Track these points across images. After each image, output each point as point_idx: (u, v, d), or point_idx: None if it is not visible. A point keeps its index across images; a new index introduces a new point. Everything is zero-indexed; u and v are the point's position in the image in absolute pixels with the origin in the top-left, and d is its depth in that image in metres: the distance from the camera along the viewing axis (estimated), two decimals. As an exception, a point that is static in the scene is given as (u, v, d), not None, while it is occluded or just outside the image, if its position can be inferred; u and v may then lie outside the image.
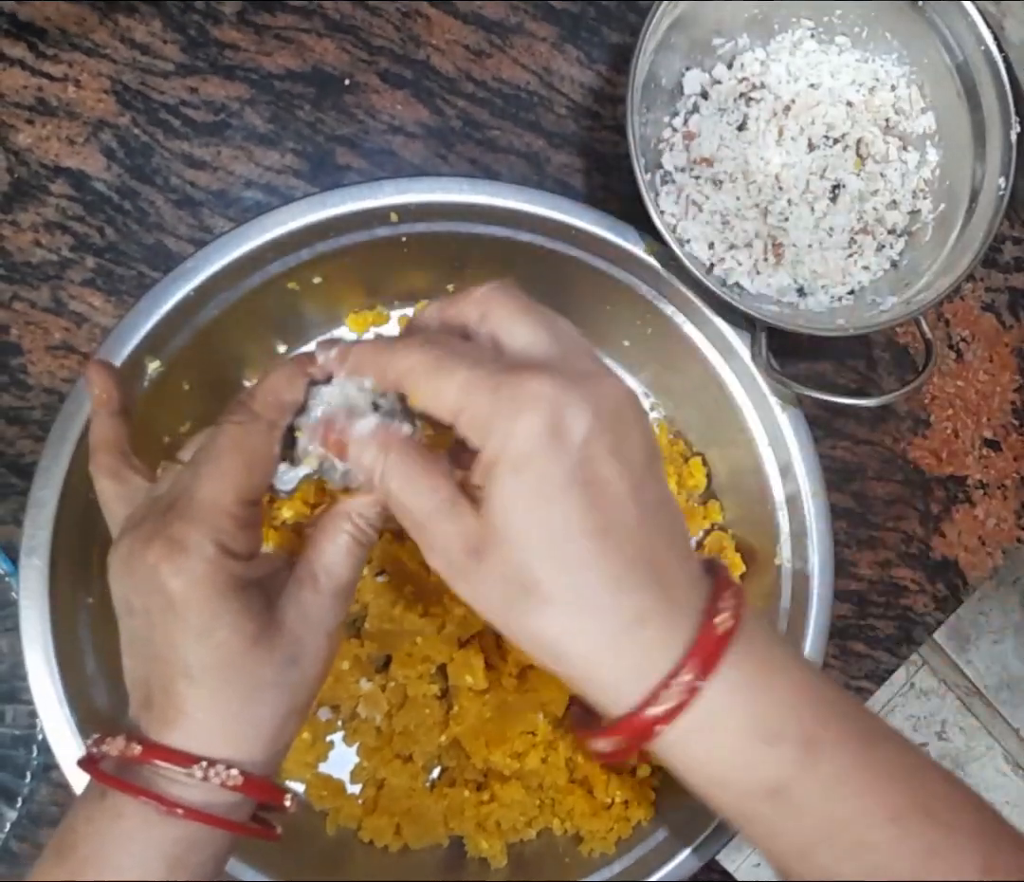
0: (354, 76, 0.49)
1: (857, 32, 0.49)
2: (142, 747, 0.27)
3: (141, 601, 0.28)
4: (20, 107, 0.47)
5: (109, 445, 0.33)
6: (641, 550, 0.26)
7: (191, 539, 0.27)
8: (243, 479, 0.29)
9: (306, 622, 0.29)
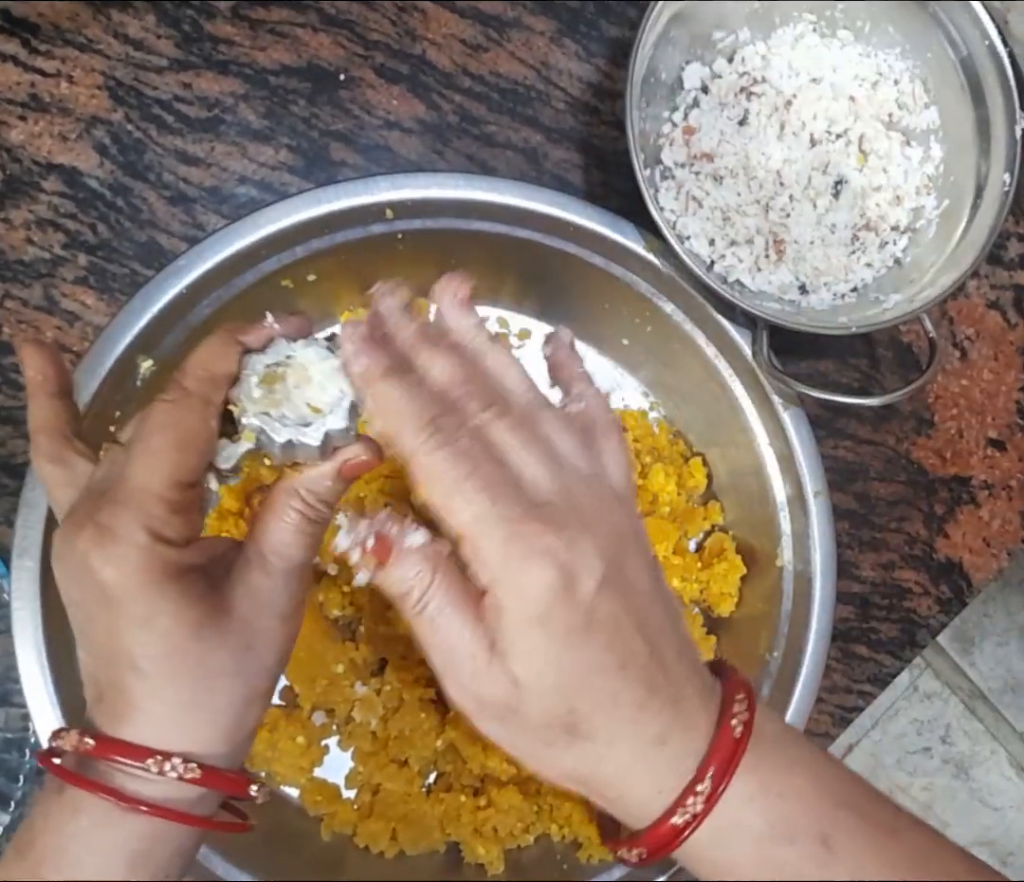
0: (349, 71, 0.49)
1: (859, 26, 0.48)
2: (95, 742, 0.27)
3: (78, 592, 0.27)
4: (12, 103, 0.46)
5: (49, 428, 0.30)
6: (654, 675, 0.27)
7: (121, 525, 0.26)
8: (176, 460, 0.27)
9: (258, 606, 0.28)
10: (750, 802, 0.27)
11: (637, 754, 0.27)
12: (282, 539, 0.29)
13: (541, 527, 0.25)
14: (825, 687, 0.51)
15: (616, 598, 0.26)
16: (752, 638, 0.48)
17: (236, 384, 0.29)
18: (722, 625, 0.50)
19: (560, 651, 0.26)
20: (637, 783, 0.28)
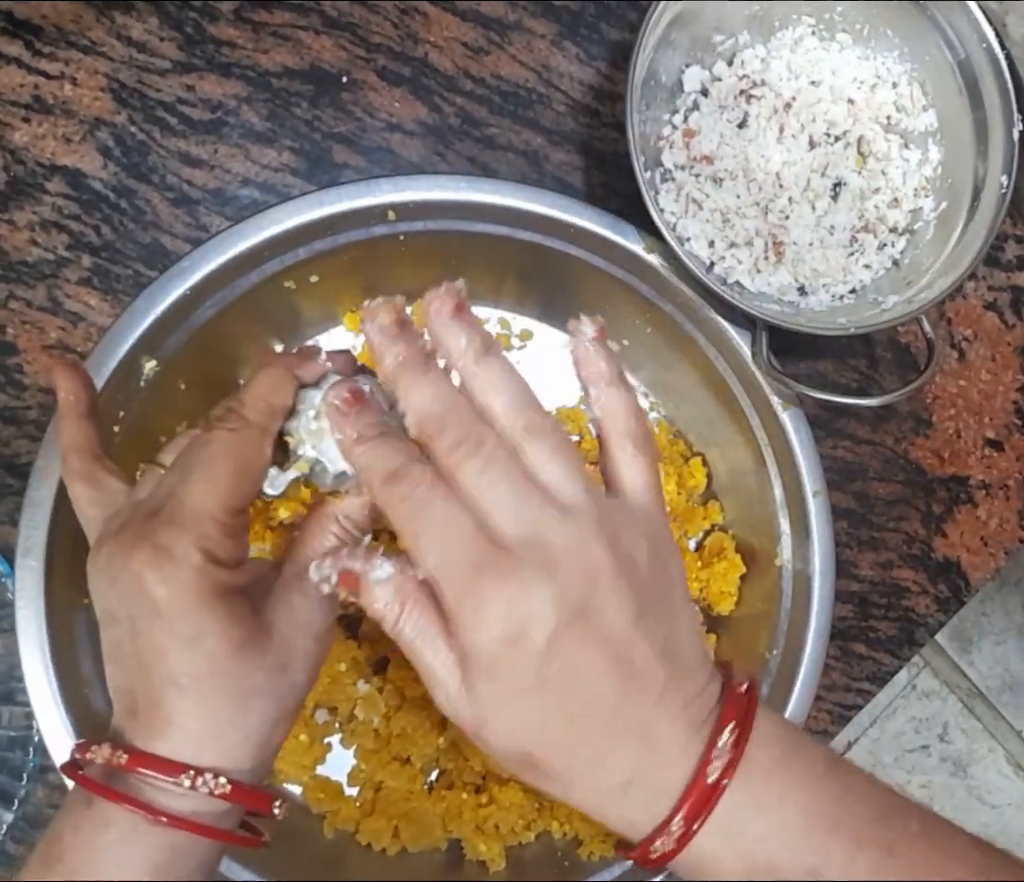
0: (352, 73, 0.49)
1: (858, 29, 0.48)
2: (128, 755, 0.27)
3: (125, 609, 0.28)
4: (16, 105, 0.47)
5: (80, 448, 0.32)
6: (624, 720, 0.26)
7: (178, 546, 0.27)
8: (233, 487, 0.28)
9: (294, 626, 0.29)
10: (727, 841, 0.26)
11: (601, 796, 0.27)
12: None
13: (493, 582, 0.25)
14: (824, 685, 0.51)
15: (577, 646, 0.25)
16: (751, 637, 0.48)
17: (291, 416, 0.30)
18: (722, 624, 0.50)
19: (508, 704, 0.26)
20: (607, 819, 0.28)
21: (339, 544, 0.30)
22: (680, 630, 0.28)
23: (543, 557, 0.25)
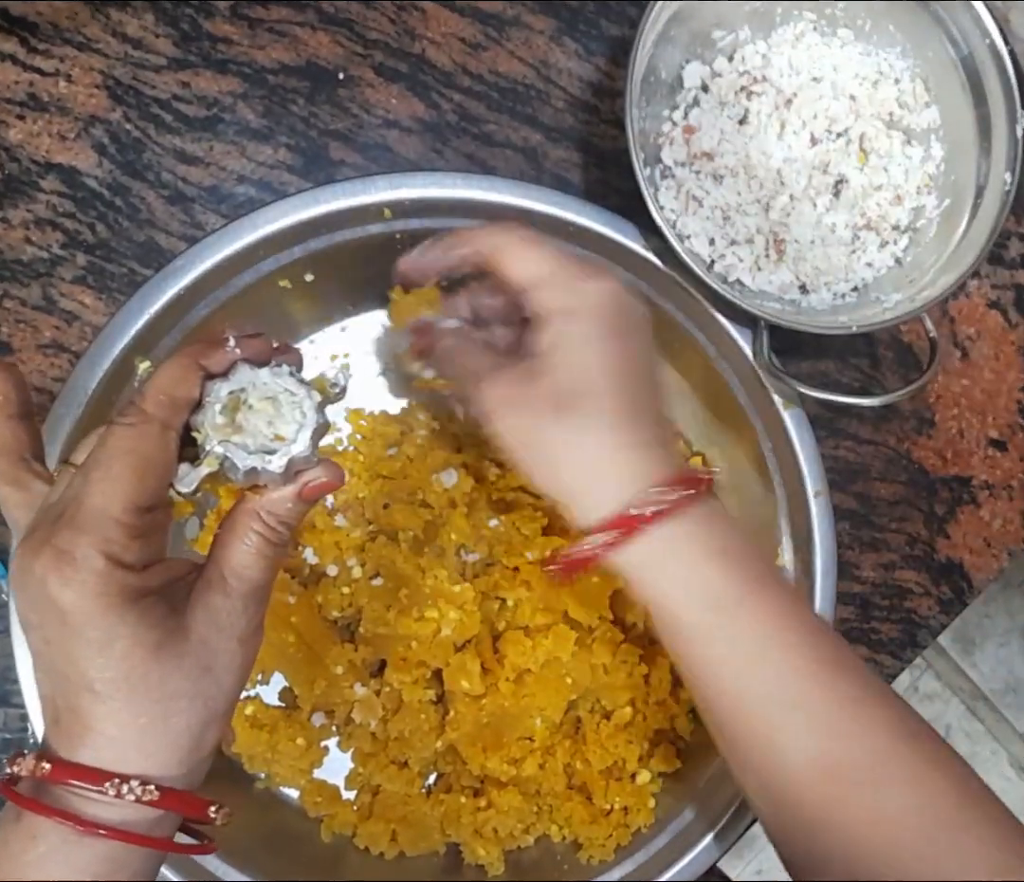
0: (348, 70, 0.49)
1: (860, 25, 0.48)
2: (52, 766, 0.26)
3: (35, 615, 0.27)
4: (11, 102, 0.46)
5: (7, 450, 0.30)
6: (651, 409, 0.35)
7: (79, 550, 0.26)
8: (135, 485, 0.27)
9: (216, 628, 0.28)
10: (706, 524, 0.34)
11: (614, 445, 0.34)
12: (242, 561, 0.28)
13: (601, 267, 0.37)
14: (826, 688, 0.50)
15: (642, 336, 0.36)
16: (752, 639, 0.47)
17: (198, 409, 0.28)
18: (722, 626, 0.49)
19: (599, 340, 0.34)
20: (605, 474, 0.34)
21: (262, 541, 0.29)
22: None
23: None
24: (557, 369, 0.34)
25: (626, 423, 0.34)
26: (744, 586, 0.34)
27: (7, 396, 0.31)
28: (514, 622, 0.46)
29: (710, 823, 0.43)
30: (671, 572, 0.34)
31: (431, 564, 0.45)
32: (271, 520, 0.29)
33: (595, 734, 0.46)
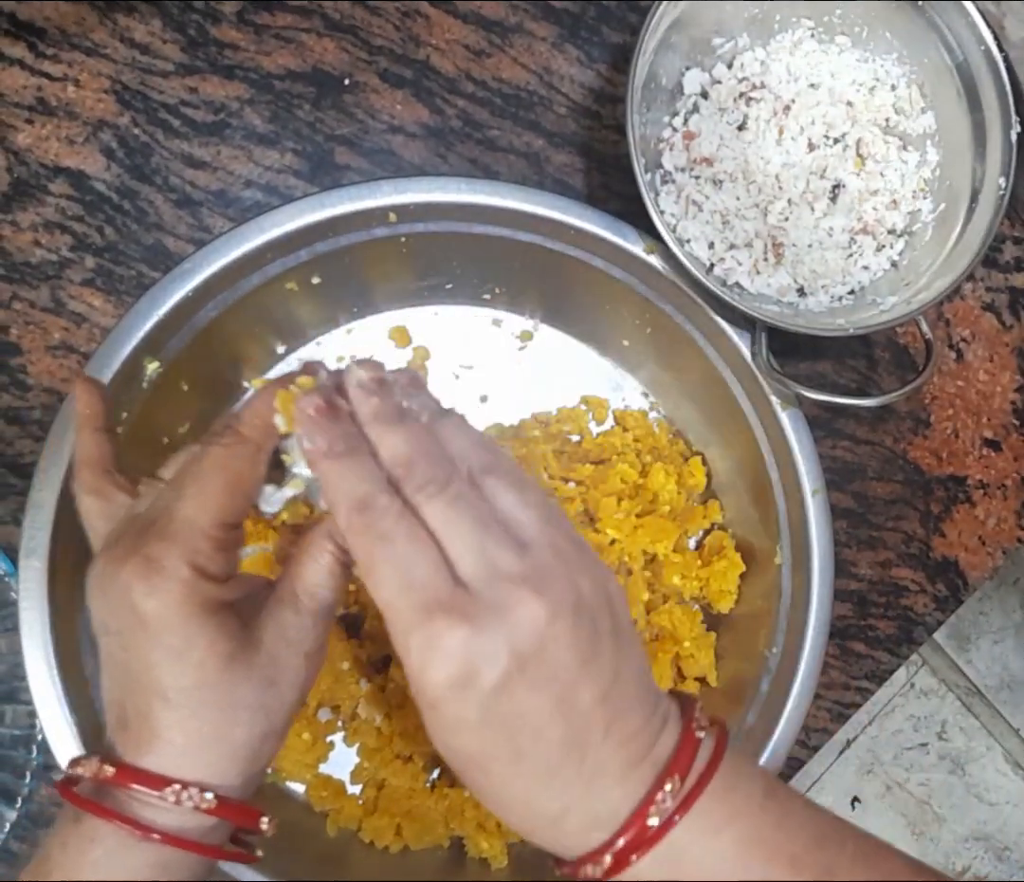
0: (354, 76, 0.49)
1: (857, 32, 0.49)
2: (115, 769, 0.27)
3: (115, 621, 0.28)
4: (20, 107, 0.47)
5: (93, 462, 0.32)
6: (567, 758, 0.26)
7: (166, 559, 0.27)
8: (225, 502, 0.28)
9: (285, 643, 0.29)
10: (662, 871, 0.26)
11: (534, 823, 0.27)
12: (314, 580, 0.30)
13: (446, 622, 0.24)
14: (823, 683, 0.51)
15: (525, 690, 0.25)
16: (751, 635, 0.48)
17: (289, 435, 0.30)
18: (721, 622, 0.50)
19: (448, 737, 0.26)
20: (539, 841, 0.28)
21: (334, 562, 0.30)
22: (628, 665, 0.27)
23: (499, 598, 0.25)
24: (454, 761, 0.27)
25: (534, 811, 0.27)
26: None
27: (94, 410, 0.33)
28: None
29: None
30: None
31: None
32: (345, 543, 0.29)
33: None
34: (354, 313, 0.50)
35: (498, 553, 0.25)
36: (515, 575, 0.25)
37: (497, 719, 0.25)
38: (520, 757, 0.26)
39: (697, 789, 0.26)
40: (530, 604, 0.25)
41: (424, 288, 0.49)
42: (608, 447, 0.50)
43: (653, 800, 0.26)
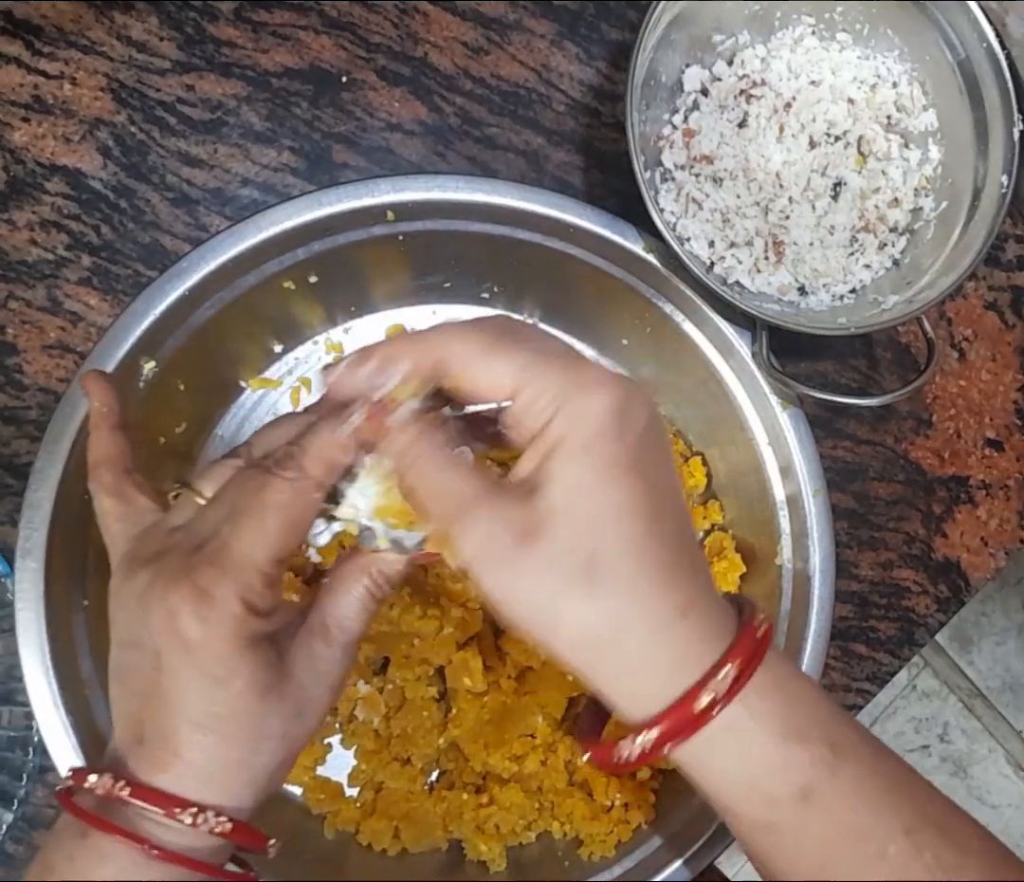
0: (351, 73, 0.49)
1: (858, 29, 0.48)
2: (131, 787, 0.27)
3: (152, 639, 0.27)
4: (16, 105, 0.47)
5: (111, 461, 0.31)
6: (685, 543, 0.27)
7: (219, 591, 0.26)
8: (282, 539, 0.28)
9: (314, 674, 0.29)
10: (764, 697, 0.27)
11: (657, 623, 0.26)
12: (347, 613, 0.30)
13: (594, 365, 0.26)
14: (824, 685, 0.51)
15: (660, 454, 0.27)
16: (752, 637, 0.48)
17: (347, 476, 0.29)
18: (722, 624, 0.50)
19: (601, 481, 0.26)
20: (653, 657, 0.26)
21: (367, 596, 0.30)
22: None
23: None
24: (558, 527, 0.26)
25: (663, 587, 0.26)
26: (813, 773, 0.27)
27: (110, 406, 0.32)
28: (516, 620, 0.46)
29: (710, 820, 0.43)
30: (728, 764, 0.27)
31: (433, 563, 0.45)
32: (379, 578, 0.30)
33: (596, 731, 0.46)
34: (352, 312, 0.50)
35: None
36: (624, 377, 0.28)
37: (643, 466, 0.26)
38: (657, 520, 0.26)
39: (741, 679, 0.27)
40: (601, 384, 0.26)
41: (422, 287, 0.49)
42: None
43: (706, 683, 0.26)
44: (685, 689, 0.26)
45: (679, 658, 0.27)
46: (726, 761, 0.27)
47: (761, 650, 0.27)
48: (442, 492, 0.27)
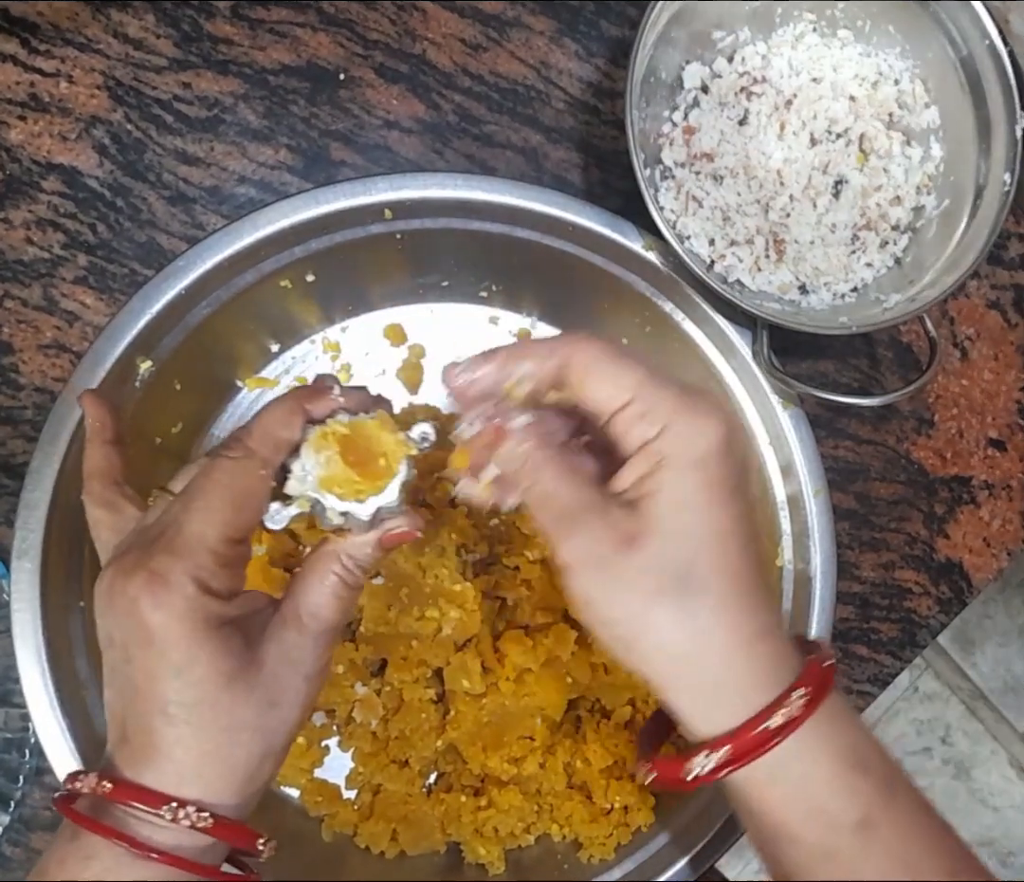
0: (349, 71, 0.49)
1: (860, 26, 0.48)
2: (113, 785, 0.27)
3: (121, 633, 0.28)
4: (12, 103, 0.46)
5: (103, 474, 0.32)
6: (764, 572, 0.29)
7: (172, 574, 0.27)
8: (231, 517, 0.28)
9: (287, 663, 0.29)
10: (831, 723, 0.28)
11: (740, 638, 0.27)
12: (319, 601, 0.30)
13: (703, 402, 0.28)
14: (825, 687, 0.50)
15: (748, 483, 0.29)
16: (752, 638, 0.48)
17: (295, 453, 0.30)
18: (722, 625, 0.50)
19: (707, 500, 0.27)
20: (732, 675, 0.27)
21: (339, 583, 0.30)
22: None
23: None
24: (659, 537, 0.27)
25: (747, 609, 0.28)
26: (872, 803, 0.28)
27: (103, 422, 0.34)
28: (515, 621, 0.46)
29: (710, 822, 0.43)
30: (792, 788, 0.28)
31: (432, 563, 0.45)
32: (350, 563, 0.30)
33: (595, 733, 0.46)
34: (349, 311, 0.49)
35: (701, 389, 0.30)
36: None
37: (740, 496, 0.28)
38: (750, 544, 0.28)
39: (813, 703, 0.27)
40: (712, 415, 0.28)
41: (420, 285, 0.49)
42: (607, 447, 0.49)
43: (783, 702, 0.27)
44: (758, 709, 0.27)
45: (754, 679, 0.28)
46: (789, 785, 0.28)
47: (829, 680, 0.28)
48: (554, 497, 0.28)
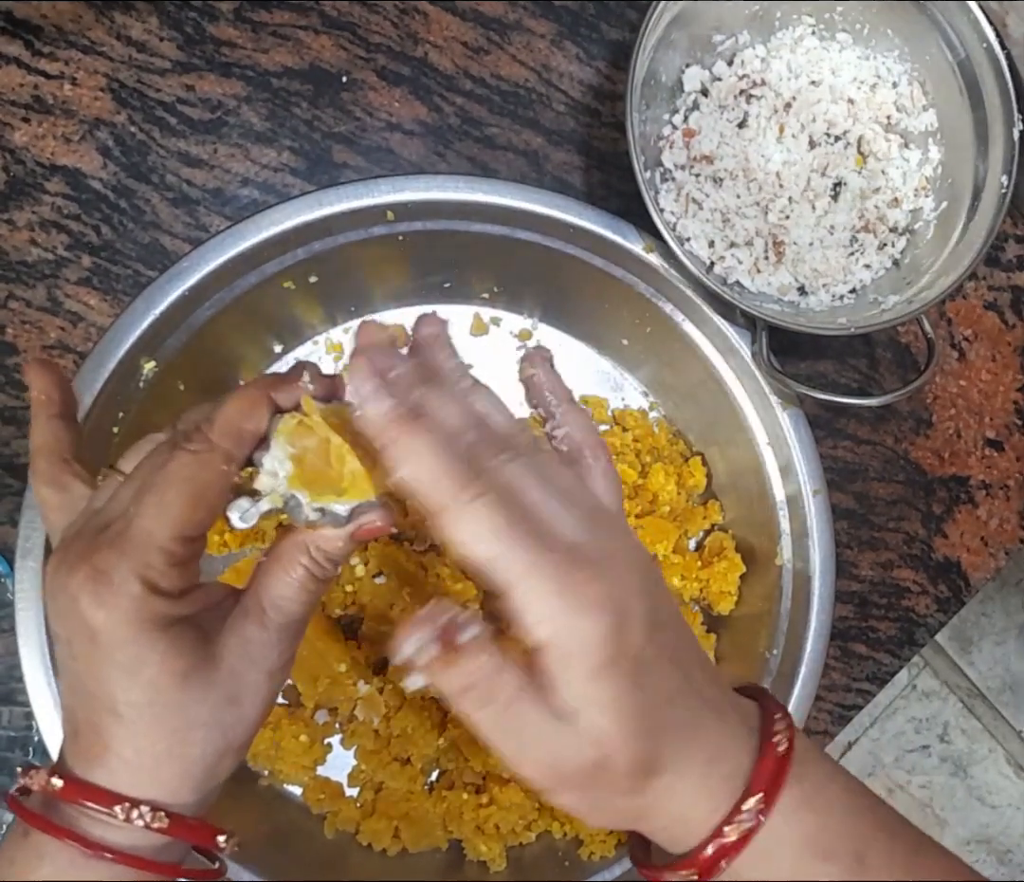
0: (351, 73, 0.49)
1: (858, 29, 0.48)
2: (64, 782, 0.26)
3: (64, 629, 0.26)
4: (16, 105, 0.47)
5: (49, 450, 0.30)
6: (697, 700, 0.27)
7: (117, 573, 0.25)
8: (187, 514, 0.26)
9: (248, 659, 0.28)
10: (791, 816, 0.27)
11: (700, 776, 0.27)
12: (284, 593, 0.28)
13: (586, 573, 0.24)
14: (824, 685, 0.51)
15: (656, 633, 0.26)
16: (751, 636, 0.48)
17: (263, 445, 0.28)
18: (722, 623, 0.50)
19: (634, 692, 0.25)
20: (697, 805, 0.27)
21: (307, 576, 0.28)
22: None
23: (607, 552, 0.25)
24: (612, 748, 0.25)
25: (700, 750, 0.27)
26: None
27: (49, 396, 0.31)
28: (516, 620, 0.46)
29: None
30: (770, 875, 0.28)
31: (434, 562, 0.45)
32: (319, 556, 0.28)
33: (596, 731, 0.46)
34: (352, 312, 0.49)
35: (582, 515, 0.26)
36: (604, 533, 0.26)
37: (654, 660, 0.25)
38: (679, 694, 0.26)
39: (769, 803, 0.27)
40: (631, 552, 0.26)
41: (422, 287, 0.49)
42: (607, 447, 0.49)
43: (734, 817, 0.26)
44: (713, 829, 0.27)
45: (715, 800, 0.27)
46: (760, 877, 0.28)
47: (784, 768, 0.27)
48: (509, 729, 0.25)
